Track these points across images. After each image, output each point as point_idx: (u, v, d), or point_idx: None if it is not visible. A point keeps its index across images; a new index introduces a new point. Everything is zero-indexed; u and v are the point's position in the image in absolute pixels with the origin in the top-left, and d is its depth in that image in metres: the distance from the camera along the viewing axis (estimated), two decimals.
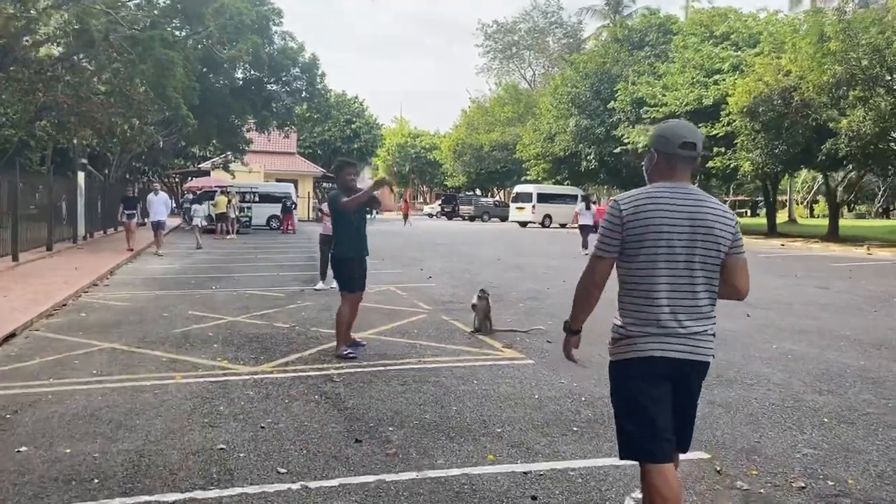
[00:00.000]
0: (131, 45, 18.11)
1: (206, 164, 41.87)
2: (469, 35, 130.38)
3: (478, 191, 65.75)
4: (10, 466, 3.86)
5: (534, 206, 40.49)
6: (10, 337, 7.33)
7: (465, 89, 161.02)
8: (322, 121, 55.67)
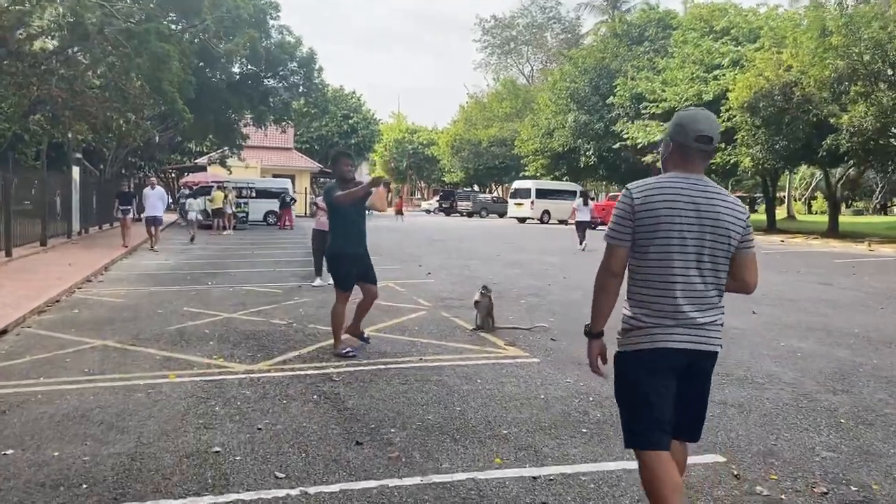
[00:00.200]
0: (126, 39, 17.86)
1: (203, 160, 41.61)
2: (467, 30, 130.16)
3: (475, 187, 65.51)
4: None
5: (532, 202, 40.19)
6: (1, 334, 7.15)
7: (463, 85, 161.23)
8: (319, 116, 55.49)
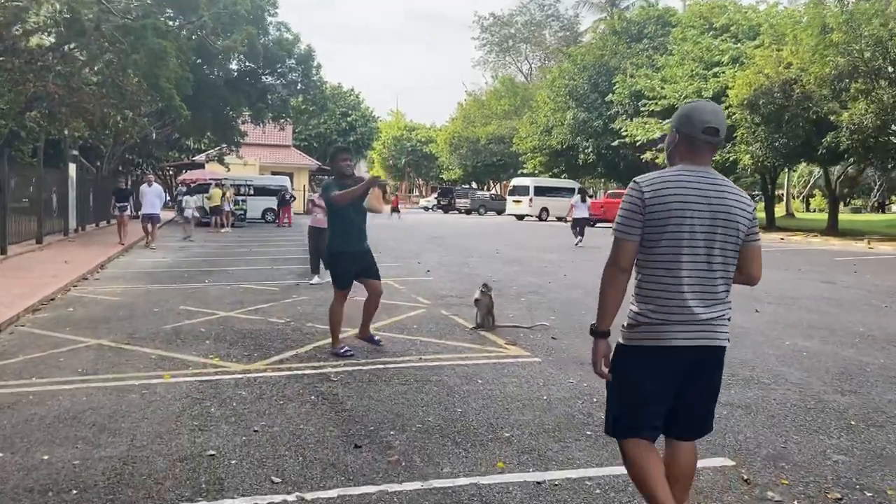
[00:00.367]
0: (123, 35, 17.73)
1: (201, 157, 41.43)
2: (465, 28, 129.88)
3: (474, 184, 65.39)
4: None
5: (531, 200, 40.05)
6: None
7: (462, 82, 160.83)
8: (318, 113, 55.22)
